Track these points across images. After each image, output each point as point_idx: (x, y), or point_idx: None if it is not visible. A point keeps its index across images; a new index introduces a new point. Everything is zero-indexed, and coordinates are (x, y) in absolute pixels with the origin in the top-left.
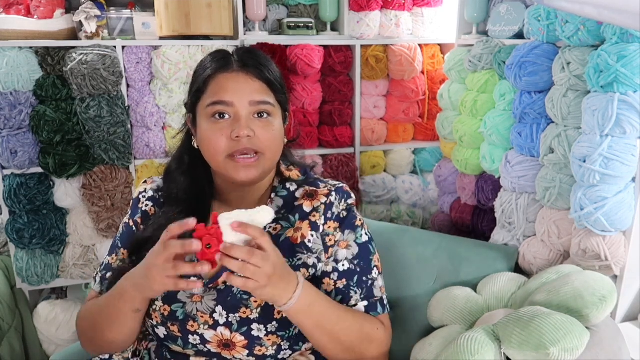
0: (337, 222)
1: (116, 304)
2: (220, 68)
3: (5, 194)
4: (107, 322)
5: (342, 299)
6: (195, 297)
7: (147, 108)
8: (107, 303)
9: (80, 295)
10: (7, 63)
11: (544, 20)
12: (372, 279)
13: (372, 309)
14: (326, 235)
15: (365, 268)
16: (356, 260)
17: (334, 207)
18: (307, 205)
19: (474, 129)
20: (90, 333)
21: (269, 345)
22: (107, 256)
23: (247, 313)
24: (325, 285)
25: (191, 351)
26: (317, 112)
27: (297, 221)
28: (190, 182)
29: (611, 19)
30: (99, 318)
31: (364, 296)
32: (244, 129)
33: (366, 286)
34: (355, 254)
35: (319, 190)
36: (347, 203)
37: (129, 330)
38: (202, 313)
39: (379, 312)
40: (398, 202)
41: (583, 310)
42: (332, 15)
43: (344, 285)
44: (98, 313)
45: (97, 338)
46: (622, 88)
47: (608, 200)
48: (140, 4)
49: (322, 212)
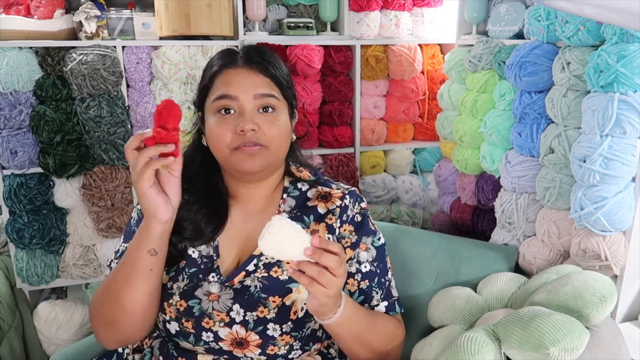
0: (352, 225)
1: (131, 255)
2: (226, 64)
3: (5, 194)
4: (124, 284)
5: (365, 299)
6: (212, 295)
7: (147, 108)
8: (122, 262)
9: (80, 295)
10: (7, 63)
11: (543, 20)
12: (389, 280)
13: (392, 309)
14: (342, 238)
15: (383, 270)
16: (375, 263)
17: (349, 210)
18: (321, 207)
19: (474, 129)
20: (106, 308)
21: (281, 345)
22: (123, 243)
23: (264, 312)
24: (349, 286)
25: (201, 348)
26: (317, 112)
27: (312, 222)
28: (203, 179)
29: (611, 19)
30: (114, 284)
31: (384, 297)
32: (248, 123)
33: (385, 287)
34: (374, 257)
35: (332, 192)
36: (361, 207)
37: (147, 291)
38: (218, 311)
39: (397, 312)
40: (398, 202)
41: (583, 310)
42: (332, 15)
43: (367, 286)
44: (113, 279)
45: (114, 313)
46: (622, 88)
47: (608, 200)
48: (140, 4)
49: (338, 215)
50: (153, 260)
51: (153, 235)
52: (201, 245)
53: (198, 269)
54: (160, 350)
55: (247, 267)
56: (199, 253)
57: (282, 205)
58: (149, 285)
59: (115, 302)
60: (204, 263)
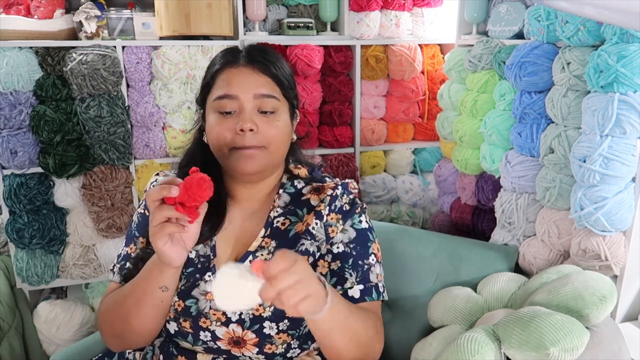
0: (340, 214)
1: (143, 285)
2: (228, 63)
3: (5, 194)
4: (135, 308)
5: (337, 281)
6: (209, 294)
7: (147, 108)
8: (133, 287)
9: (80, 295)
10: (7, 63)
11: (544, 20)
12: (368, 264)
13: (368, 294)
14: (329, 226)
15: (361, 253)
16: (352, 244)
17: (338, 200)
18: (314, 199)
19: (474, 129)
20: (116, 324)
21: (279, 343)
22: (125, 247)
23: (260, 311)
24: (319, 268)
25: (200, 348)
26: (317, 112)
27: (306, 215)
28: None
29: (611, 19)
30: (125, 305)
31: (359, 279)
32: (247, 122)
33: (362, 270)
34: (351, 238)
35: (326, 184)
36: (349, 198)
37: (156, 316)
38: (214, 310)
39: (374, 298)
40: (398, 202)
41: (583, 310)
42: (332, 15)
43: (339, 267)
44: (124, 300)
45: (123, 329)
46: (622, 88)
47: (608, 200)
48: (140, 4)
49: (327, 203)
50: (164, 295)
51: (165, 275)
52: (198, 245)
53: (195, 269)
54: (161, 349)
55: (243, 263)
56: (196, 252)
57: (277, 200)
58: (160, 313)
59: (124, 322)
60: (200, 262)
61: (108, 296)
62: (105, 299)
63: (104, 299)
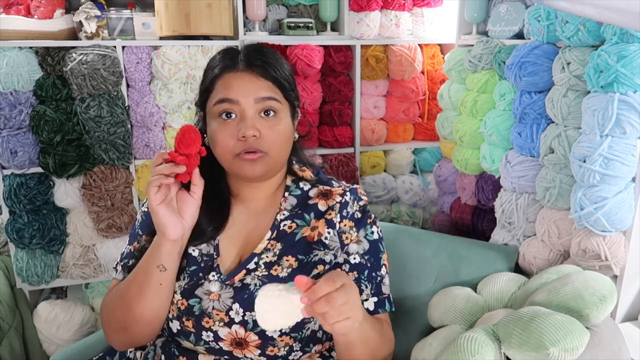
0: (353, 221)
1: (143, 267)
2: (227, 67)
3: (5, 194)
4: (137, 294)
5: None
6: (213, 294)
7: (147, 108)
8: (135, 274)
9: (80, 295)
10: (7, 63)
11: (544, 20)
12: (380, 275)
13: (381, 306)
14: (342, 233)
15: (374, 264)
16: (367, 256)
17: (349, 206)
18: (322, 205)
19: (474, 129)
20: (118, 313)
21: (281, 345)
22: (128, 245)
23: None
24: None
25: (202, 348)
26: (317, 112)
27: (313, 220)
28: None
29: (611, 19)
30: (127, 293)
31: (373, 292)
32: (249, 129)
33: (375, 282)
34: (365, 250)
35: (333, 189)
36: (360, 205)
37: (156, 301)
38: (217, 310)
39: (386, 310)
40: (398, 202)
41: (583, 310)
42: (332, 15)
43: (355, 278)
44: (127, 288)
45: (125, 319)
46: (622, 88)
47: (608, 200)
48: (140, 4)
49: (338, 210)
50: (162, 276)
51: (162, 251)
52: (201, 244)
53: (198, 267)
54: (162, 349)
55: (248, 265)
56: (199, 251)
57: (283, 203)
58: (160, 298)
59: (127, 311)
60: (204, 261)
61: (111, 290)
62: (109, 293)
63: (107, 295)
